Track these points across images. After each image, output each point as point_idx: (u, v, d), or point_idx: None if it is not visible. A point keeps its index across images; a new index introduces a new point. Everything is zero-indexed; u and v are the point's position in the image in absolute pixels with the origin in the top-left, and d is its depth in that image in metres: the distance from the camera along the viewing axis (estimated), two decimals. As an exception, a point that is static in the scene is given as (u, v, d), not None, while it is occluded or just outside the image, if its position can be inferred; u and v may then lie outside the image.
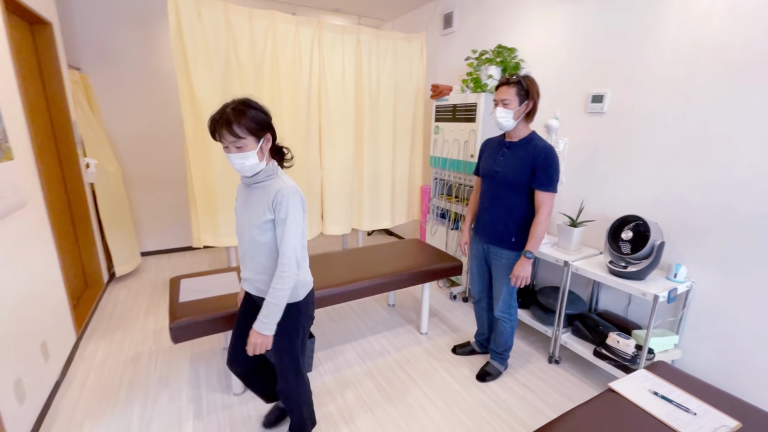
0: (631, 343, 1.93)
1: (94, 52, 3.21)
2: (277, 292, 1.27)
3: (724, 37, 1.71)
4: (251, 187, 1.33)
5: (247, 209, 1.33)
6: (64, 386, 2.00)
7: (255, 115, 1.23)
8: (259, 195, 1.30)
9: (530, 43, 2.64)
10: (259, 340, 1.29)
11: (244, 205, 1.34)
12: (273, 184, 1.29)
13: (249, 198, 1.33)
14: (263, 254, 1.33)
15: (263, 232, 1.30)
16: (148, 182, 3.66)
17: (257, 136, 1.23)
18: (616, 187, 2.21)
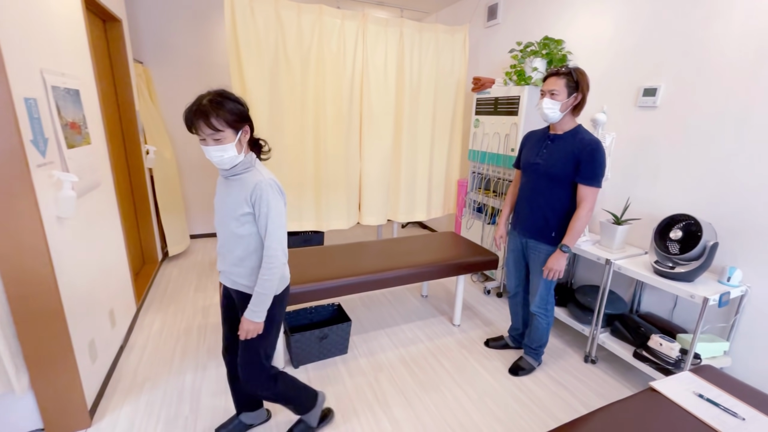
0: (675, 347, 1.86)
1: (155, 47, 3.45)
2: (265, 283, 1.27)
3: (798, 25, 1.59)
4: (229, 180, 1.30)
5: (225, 202, 1.30)
6: (127, 351, 2.22)
7: (233, 107, 1.20)
8: (237, 188, 1.27)
9: (578, 34, 2.56)
10: (251, 327, 1.30)
11: (223, 198, 1.31)
12: (250, 177, 1.26)
13: (227, 190, 1.30)
14: (240, 247, 1.31)
15: (241, 224, 1.28)
16: (198, 169, 3.90)
17: (235, 129, 1.21)
18: (667, 185, 2.12)
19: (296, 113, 2.77)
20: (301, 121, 2.80)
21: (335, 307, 2.36)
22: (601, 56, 2.42)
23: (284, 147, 2.80)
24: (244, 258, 1.32)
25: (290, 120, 2.77)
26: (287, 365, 2.13)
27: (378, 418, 1.79)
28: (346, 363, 2.17)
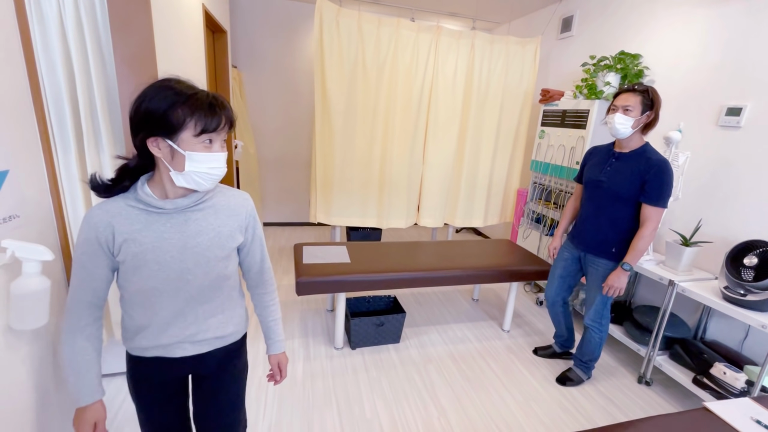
0: (741, 377, 1.80)
1: (248, 53, 3.89)
2: (276, 307, 1.13)
3: None
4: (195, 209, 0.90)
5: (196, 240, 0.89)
6: (212, 316, 2.58)
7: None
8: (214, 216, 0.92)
9: (657, 49, 2.51)
10: (286, 361, 1.16)
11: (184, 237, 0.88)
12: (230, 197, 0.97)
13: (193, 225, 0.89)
14: (227, 289, 0.99)
15: (229, 261, 0.97)
16: (275, 164, 4.31)
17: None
18: (746, 209, 2.03)
19: (368, 118, 3.00)
20: (372, 125, 3.03)
21: (391, 299, 2.54)
22: (682, 72, 2.35)
23: (355, 148, 3.04)
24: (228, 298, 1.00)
25: (362, 124, 3.00)
26: (345, 345, 2.35)
27: (426, 403, 1.94)
28: (398, 351, 2.35)
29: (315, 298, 2.94)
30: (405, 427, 1.79)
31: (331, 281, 2.13)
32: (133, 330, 0.92)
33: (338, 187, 3.08)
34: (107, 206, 0.83)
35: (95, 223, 0.81)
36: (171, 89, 0.78)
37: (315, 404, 1.88)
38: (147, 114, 0.77)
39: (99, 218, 0.82)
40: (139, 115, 0.78)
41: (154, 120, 0.77)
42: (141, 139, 0.80)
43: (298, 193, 4.49)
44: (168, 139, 0.78)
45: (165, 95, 0.77)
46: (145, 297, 0.88)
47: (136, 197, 0.84)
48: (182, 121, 0.77)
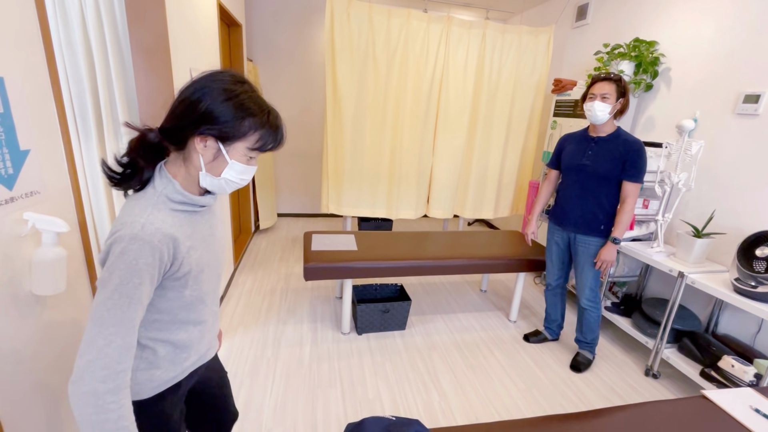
0: (749, 370, 1.76)
1: (263, 47, 3.98)
2: None
3: None
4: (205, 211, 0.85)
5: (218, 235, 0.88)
6: (226, 300, 2.69)
7: None
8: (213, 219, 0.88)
9: (674, 35, 2.43)
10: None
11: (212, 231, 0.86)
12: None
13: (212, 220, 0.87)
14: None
15: None
16: (289, 155, 4.41)
17: None
18: (761, 199, 1.97)
19: (378, 109, 3.04)
20: (382, 116, 3.06)
21: (398, 287, 2.59)
22: (698, 59, 2.29)
23: (365, 139, 3.08)
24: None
25: (372, 115, 3.04)
26: (352, 331, 2.42)
27: (428, 387, 1.98)
28: (403, 338, 2.40)
29: (325, 285, 3.01)
30: (405, 408, 1.84)
31: (338, 267, 2.19)
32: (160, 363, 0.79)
33: (349, 177, 3.13)
34: (155, 219, 0.70)
35: (157, 251, 0.68)
36: (250, 96, 0.73)
37: (320, 384, 1.95)
38: (208, 113, 0.69)
39: (160, 234, 0.68)
40: (196, 111, 0.70)
41: (218, 121, 0.70)
42: (187, 131, 0.71)
43: (311, 184, 4.58)
44: (221, 142, 0.72)
45: (243, 101, 0.71)
46: (195, 305, 0.80)
47: (173, 199, 0.74)
48: (245, 133, 0.72)
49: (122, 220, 0.69)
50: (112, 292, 0.65)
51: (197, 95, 0.70)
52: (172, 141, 0.74)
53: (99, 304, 0.65)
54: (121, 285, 0.65)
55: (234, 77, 0.74)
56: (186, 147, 0.74)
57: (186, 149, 0.74)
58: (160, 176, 0.75)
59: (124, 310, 0.66)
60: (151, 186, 0.74)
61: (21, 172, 0.90)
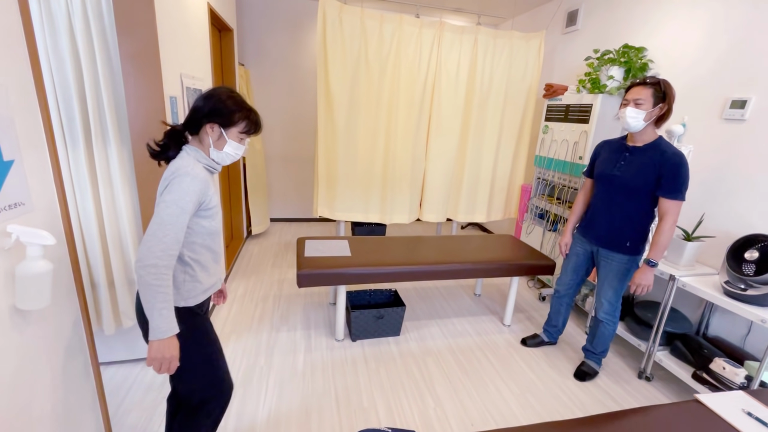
0: (740, 372, 1.78)
1: (255, 51, 3.95)
2: None
3: None
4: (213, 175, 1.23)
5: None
6: (218, 308, 2.65)
7: None
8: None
9: (662, 42, 2.47)
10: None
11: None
12: None
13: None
14: None
15: None
16: (281, 160, 4.38)
17: None
18: (749, 203, 2.00)
19: (371, 113, 3.03)
20: (374, 121, 3.06)
21: (392, 292, 2.57)
22: (686, 65, 2.32)
23: (358, 144, 3.08)
24: None
25: (365, 119, 3.03)
26: (346, 337, 2.40)
27: (423, 394, 1.97)
28: (398, 344, 2.38)
29: (318, 291, 2.99)
30: (401, 416, 1.82)
31: (332, 274, 2.17)
32: (199, 276, 1.15)
33: (341, 182, 3.12)
34: (197, 171, 1.07)
35: (200, 185, 1.05)
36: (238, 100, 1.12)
37: (314, 393, 1.93)
38: (214, 109, 1.09)
39: (201, 180, 1.06)
40: (209, 107, 1.09)
41: (221, 114, 1.09)
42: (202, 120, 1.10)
43: (304, 189, 4.55)
44: (222, 127, 1.11)
45: (235, 102, 1.11)
46: (212, 237, 1.16)
47: (200, 161, 1.12)
48: (236, 122, 1.11)
49: (177, 169, 1.05)
50: (171, 204, 1.00)
51: (207, 99, 1.10)
52: (191, 129, 1.13)
53: (161, 210, 1.00)
54: (178, 200, 1.01)
55: (228, 89, 1.15)
56: (199, 133, 1.13)
57: (200, 134, 1.13)
58: (188, 150, 1.12)
59: (177, 216, 1.01)
60: (184, 155, 1.10)
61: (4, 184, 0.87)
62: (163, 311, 0.99)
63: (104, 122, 1.59)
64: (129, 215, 1.73)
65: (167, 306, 1.00)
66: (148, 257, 0.97)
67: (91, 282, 1.74)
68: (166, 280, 0.99)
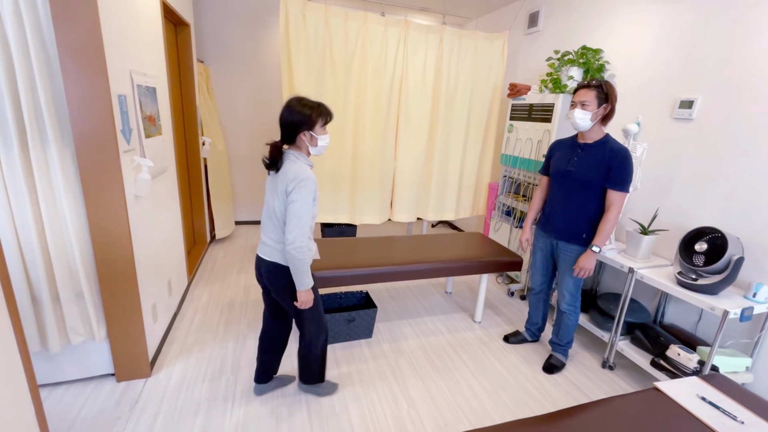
0: (693, 358, 1.88)
1: (215, 47, 3.79)
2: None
3: (842, 43, 1.58)
4: None
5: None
6: (180, 317, 2.51)
7: None
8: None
9: (617, 44, 2.58)
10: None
11: None
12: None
13: None
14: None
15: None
16: (246, 161, 4.23)
17: None
18: (698, 198, 2.12)
19: (338, 112, 2.98)
20: (342, 120, 3.00)
21: (363, 294, 2.54)
22: (639, 67, 2.43)
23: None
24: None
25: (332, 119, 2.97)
26: (317, 343, 2.34)
27: (395, 394, 1.95)
28: (370, 346, 2.35)
29: (287, 295, 2.90)
30: (374, 420, 1.79)
31: (300, 278, 2.10)
32: (310, 246, 1.52)
33: (309, 183, 3.05)
34: (310, 172, 1.46)
35: (315, 184, 1.46)
36: (308, 103, 1.47)
37: (284, 401, 1.86)
38: (298, 122, 1.45)
39: (314, 179, 1.46)
40: (297, 119, 1.45)
41: (305, 121, 1.45)
42: (296, 132, 1.47)
43: (271, 191, 4.42)
44: (310, 130, 1.47)
45: (307, 106, 1.46)
46: (314, 219, 1.54)
47: (308, 162, 1.52)
48: (317, 120, 1.47)
49: (297, 174, 1.43)
50: (302, 202, 1.43)
51: (290, 114, 1.46)
52: (288, 141, 1.52)
53: (297, 208, 1.43)
54: (306, 199, 1.43)
55: (296, 98, 1.49)
56: (296, 141, 1.51)
57: (296, 142, 1.51)
58: (296, 156, 1.50)
59: (306, 210, 1.44)
60: (294, 160, 1.49)
61: None
62: (306, 271, 1.50)
63: (41, 122, 1.46)
64: (75, 223, 1.59)
65: (308, 269, 1.51)
66: (296, 241, 1.43)
67: (31, 297, 1.59)
68: (308, 253, 1.48)
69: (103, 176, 1.60)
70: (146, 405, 1.79)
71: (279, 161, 1.47)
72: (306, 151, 1.53)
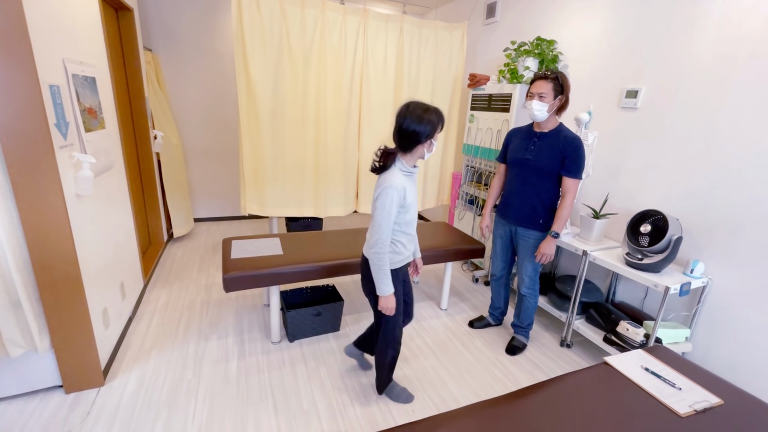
0: (640, 332, 2.02)
1: (163, 35, 3.57)
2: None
3: (763, 36, 1.71)
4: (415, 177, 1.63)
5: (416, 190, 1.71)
6: (135, 321, 2.39)
7: None
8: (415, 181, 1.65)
9: (570, 35, 2.67)
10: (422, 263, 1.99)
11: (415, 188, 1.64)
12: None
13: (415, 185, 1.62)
14: None
15: None
16: (203, 154, 4.05)
17: None
18: (644, 183, 2.25)
19: (297, 103, 2.90)
20: (302, 112, 2.93)
21: (330, 288, 2.52)
22: (590, 58, 2.53)
23: (286, 137, 2.93)
24: None
25: (292, 111, 2.89)
26: (283, 339, 2.30)
27: (364, 387, 1.96)
28: (338, 339, 2.34)
29: (252, 293, 2.83)
30: (343, 413, 1.79)
31: (262, 275, 2.05)
32: (399, 251, 1.61)
33: (270, 176, 2.96)
34: (396, 179, 1.47)
35: (399, 191, 1.46)
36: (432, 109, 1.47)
37: (250, 400, 1.83)
38: (419, 133, 1.45)
39: (399, 188, 1.46)
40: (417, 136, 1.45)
41: (426, 135, 1.46)
42: (421, 141, 1.47)
43: (230, 185, 4.27)
44: (431, 138, 1.49)
45: (432, 113, 1.46)
46: (407, 226, 1.59)
47: (404, 169, 1.52)
48: (436, 128, 1.47)
49: (384, 181, 1.47)
50: (382, 210, 1.47)
51: (412, 128, 1.45)
52: (405, 150, 1.51)
53: (377, 215, 1.49)
54: (387, 207, 1.46)
55: (418, 105, 1.47)
56: (412, 150, 1.50)
57: (412, 150, 1.50)
58: (397, 161, 1.52)
59: (386, 218, 1.48)
60: (393, 166, 1.51)
61: None
62: (384, 278, 1.54)
63: (-41, 116, 1.31)
64: (6, 226, 1.46)
65: (386, 275, 1.55)
66: (376, 246, 1.50)
67: (-42, 309, 1.45)
68: (386, 260, 1.53)
69: (36, 174, 1.47)
70: (100, 415, 1.69)
71: (385, 167, 1.51)
72: (419, 156, 1.53)
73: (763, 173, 1.73)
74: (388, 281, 1.55)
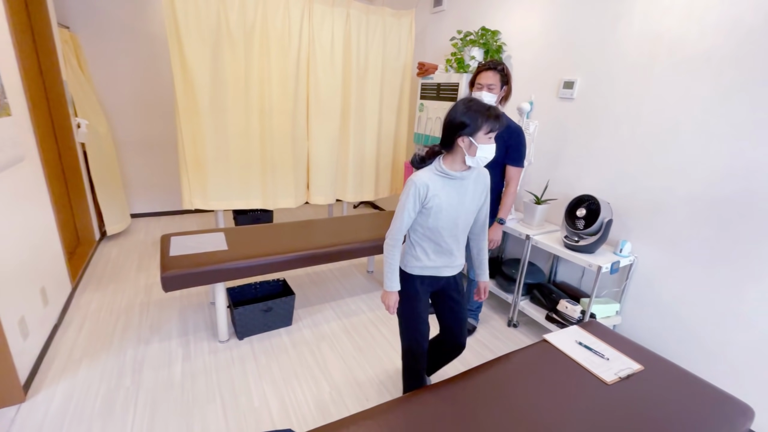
0: (577, 309, 2.17)
1: (81, 12, 3.21)
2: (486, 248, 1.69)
3: (680, 32, 1.86)
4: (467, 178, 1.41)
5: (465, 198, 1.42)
6: (62, 329, 2.17)
7: None
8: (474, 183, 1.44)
9: (512, 26, 2.75)
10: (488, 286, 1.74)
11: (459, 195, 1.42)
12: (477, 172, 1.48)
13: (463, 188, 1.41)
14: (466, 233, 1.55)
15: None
16: (138, 145, 3.74)
17: None
18: (581, 169, 2.39)
19: (239, 91, 2.75)
20: (244, 98, 2.78)
21: (281, 282, 2.45)
22: (530, 49, 2.63)
23: (227, 124, 2.77)
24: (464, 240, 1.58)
25: (233, 98, 2.74)
26: (231, 337, 2.21)
27: (317, 380, 1.94)
28: (290, 334, 2.29)
29: (197, 291, 2.69)
30: (296, 408, 1.76)
31: (204, 272, 1.94)
32: (418, 256, 1.48)
33: (213, 167, 2.80)
34: (423, 175, 1.36)
35: (418, 186, 1.34)
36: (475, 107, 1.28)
37: (196, 403, 1.74)
38: (459, 124, 1.28)
39: (419, 185, 1.34)
40: (454, 126, 1.29)
41: (465, 127, 1.28)
42: (453, 137, 1.30)
43: (171, 178, 3.99)
44: (470, 136, 1.29)
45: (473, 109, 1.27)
46: (433, 232, 1.42)
47: (439, 170, 1.37)
48: (481, 126, 1.27)
49: (411, 177, 1.37)
50: (401, 202, 1.39)
51: (450, 117, 1.31)
52: (446, 146, 1.35)
53: (397, 206, 1.40)
54: (403, 200, 1.38)
55: (466, 99, 1.32)
56: (453, 148, 1.34)
57: (453, 148, 1.34)
58: (435, 160, 1.39)
59: (401, 211, 1.39)
60: (430, 164, 1.40)
61: None
62: (388, 273, 1.46)
63: None
64: None
65: (391, 270, 1.45)
66: (388, 236, 1.44)
67: None
68: (393, 253, 1.44)
69: None
70: (20, 435, 1.53)
71: (424, 164, 1.41)
72: (461, 159, 1.33)
73: (680, 159, 1.90)
74: (392, 276, 1.45)
